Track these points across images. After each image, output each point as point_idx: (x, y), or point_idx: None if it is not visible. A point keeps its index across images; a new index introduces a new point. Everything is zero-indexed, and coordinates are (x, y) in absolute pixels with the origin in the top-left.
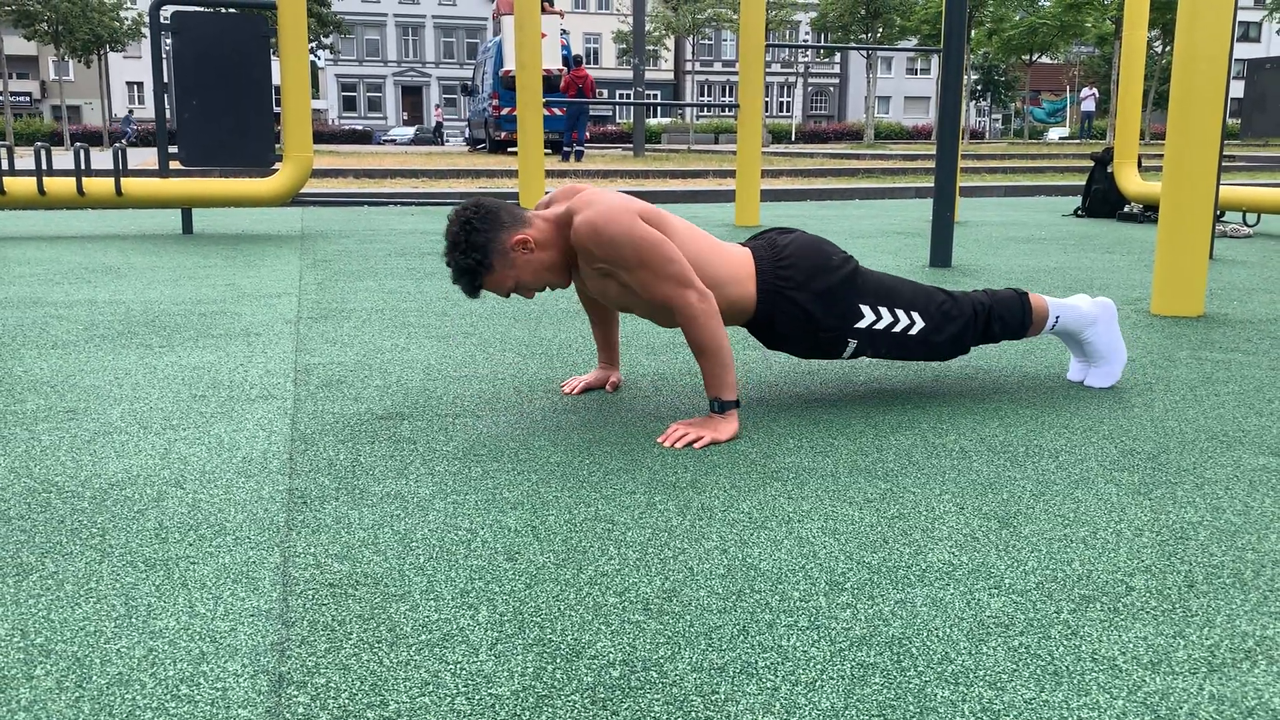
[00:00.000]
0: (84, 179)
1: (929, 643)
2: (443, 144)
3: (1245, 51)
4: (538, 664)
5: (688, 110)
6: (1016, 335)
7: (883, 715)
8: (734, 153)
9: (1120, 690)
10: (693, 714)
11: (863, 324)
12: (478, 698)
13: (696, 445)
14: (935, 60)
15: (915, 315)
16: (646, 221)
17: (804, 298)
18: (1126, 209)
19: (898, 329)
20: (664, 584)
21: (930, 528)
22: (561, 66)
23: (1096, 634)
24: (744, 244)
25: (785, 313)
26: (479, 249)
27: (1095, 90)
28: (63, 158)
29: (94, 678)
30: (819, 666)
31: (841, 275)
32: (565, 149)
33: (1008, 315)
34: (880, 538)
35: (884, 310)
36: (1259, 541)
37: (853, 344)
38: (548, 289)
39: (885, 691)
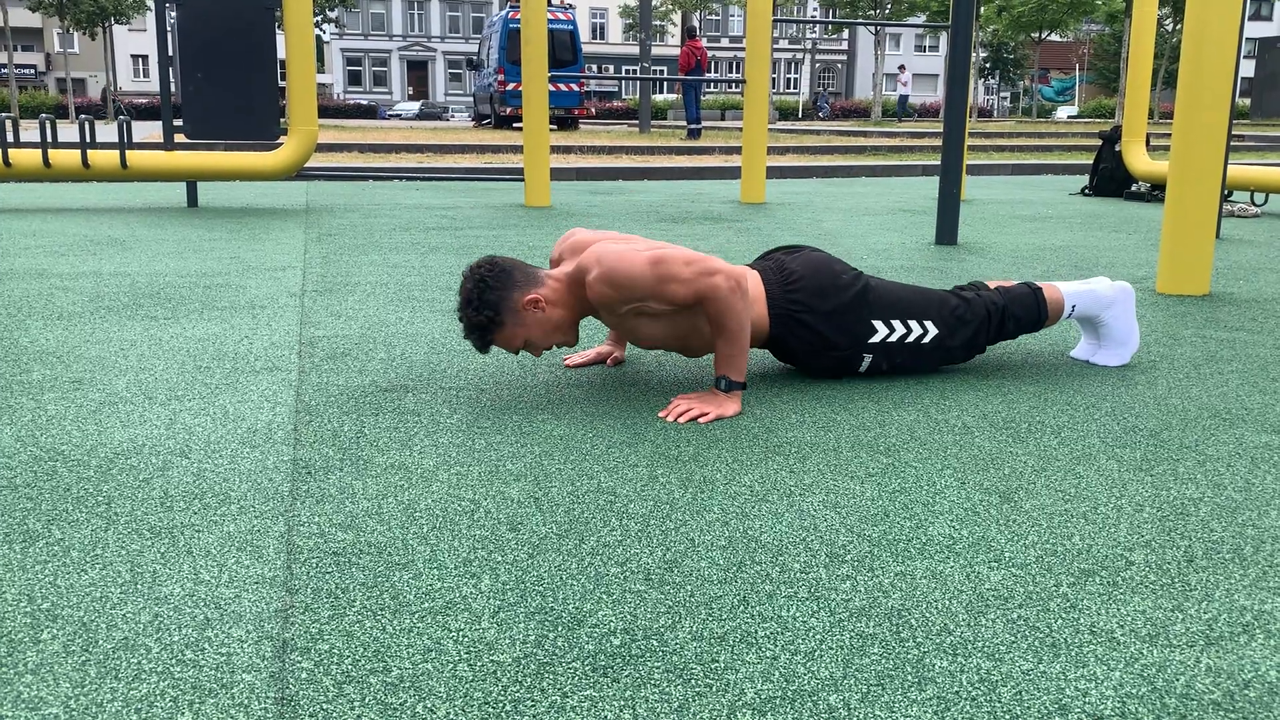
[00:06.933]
0: (89, 151)
1: (928, 614)
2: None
3: (1256, 30)
4: (539, 632)
5: None
6: (1033, 329)
7: (881, 685)
8: (740, 129)
9: (1117, 662)
10: (693, 682)
11: (876, 339)
12: (480, 664)
13: (700, 421)
14: (943, 37)
15: (928, 324)
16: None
17: (815, 320)
18: (1134, 188)
19: (910, 339)
20: (665, 555)
21: (931, 502)
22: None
23: (1095, 607)
24: (751, 265)
25: (798, 336)
26: (491, 306)
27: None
28: (68, 130)
29: (100, 642)
30: (818, 636)
31: (851, 294)
32: (692, 126)
33: (1022, 313)
34: (881, 511)
35: (896, 323)
36: (1259, 518)
37: (868, 359)
38: (555, 347)
39: (884, 661)
